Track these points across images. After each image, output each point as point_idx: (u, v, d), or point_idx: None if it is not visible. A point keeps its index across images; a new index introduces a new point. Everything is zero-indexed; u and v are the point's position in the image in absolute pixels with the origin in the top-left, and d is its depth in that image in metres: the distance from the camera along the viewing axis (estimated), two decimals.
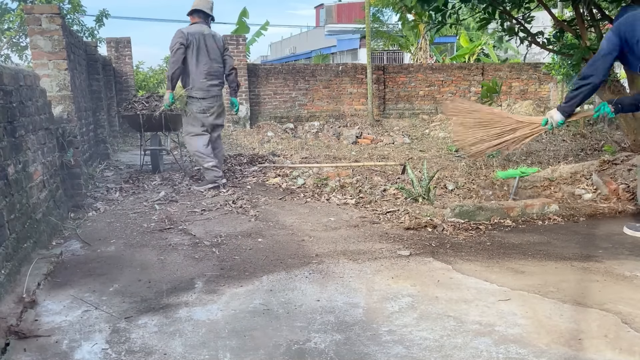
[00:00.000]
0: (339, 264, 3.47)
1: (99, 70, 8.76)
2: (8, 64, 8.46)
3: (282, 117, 13.16)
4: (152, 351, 2.38)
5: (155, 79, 17.25)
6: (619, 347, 2.32)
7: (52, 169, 4.39)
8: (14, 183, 3.31)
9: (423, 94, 14.19)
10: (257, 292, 3.04)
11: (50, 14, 4.82)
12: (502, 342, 2.38)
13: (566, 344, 2.35)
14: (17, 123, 3.47)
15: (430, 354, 2.31)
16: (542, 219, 4.39)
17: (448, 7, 6.18)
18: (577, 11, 5.86)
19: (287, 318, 2.69)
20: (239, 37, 12.89)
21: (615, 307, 2.71)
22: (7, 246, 3.04)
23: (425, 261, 3.52)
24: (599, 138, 9.05)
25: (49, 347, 2.45)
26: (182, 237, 4.15)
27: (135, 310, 2.82)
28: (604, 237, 3.92)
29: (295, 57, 37.22)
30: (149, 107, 7.04)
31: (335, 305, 2.82)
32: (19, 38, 13.25)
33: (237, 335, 2.51)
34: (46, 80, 4.89)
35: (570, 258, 3.51)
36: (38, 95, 4.12)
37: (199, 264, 3.54)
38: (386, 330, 2.53)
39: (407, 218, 4.45)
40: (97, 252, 3.83)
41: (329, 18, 37.12)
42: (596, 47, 5.75)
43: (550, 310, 2.70)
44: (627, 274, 3.19)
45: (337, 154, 8.84)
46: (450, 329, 2.52)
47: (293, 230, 4.29)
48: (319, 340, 2.45)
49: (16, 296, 2.88)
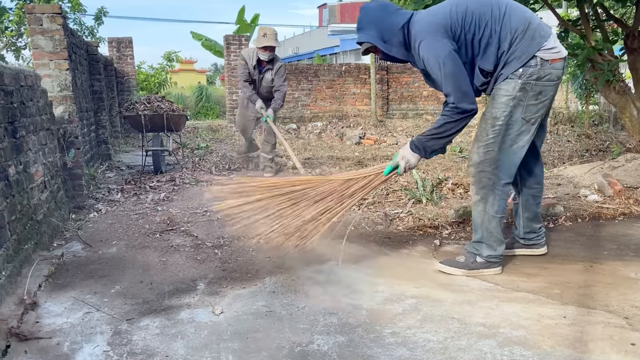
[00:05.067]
0: (342, 265, 3.44)
1: (100, 70, 8.76)
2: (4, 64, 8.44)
3: (284, 117, 13.14)
4: (154, 353, 2.36)
5: (157, 79, 17.23)
6: (625, 349, 2.29)
7: (53, 169, 4.38)
8: (15, 184, 3.29)
9: (427, 94, 14.18)
10: (260, 293, 3.02)
11: (51, 13, 4.81)
12: (506, 344, 2.35)
13: (571, 346, 2.32)
14: (18, 124, 3.46)
15: (434, 356, 2.28)
16: (547, 220, 4.36)
17: None
18: (582, 11, 5.83)
19: (289, 320, 2.67)
20: (241, 37, 12.90)
21: (620, 309, 2.68)
22: (7, 247, 3.03)
23: (429, 262, 3.49)
24: (604, 139, 9.01)
25: (50, 349, 2.43)
26: (184, 239, 4.13)
27: (137, 312, 2.81)
28: (609, 239, 3.89)
29: (298, 57, 37.25)
30: (150, 108, 7.04)
31: (338, 307, 2.79)
32: (17, 38, 13.27)
33: (240, 337, 2.49)
34: (47, 81, 4.88)
35: (575, 259, 3.48)
36: (39, 95, 4.11)
37: (201, 266, 3.52)
38: (390, 332, 2.51)
39: (410, 219, 4.43)
40: (99, 254, 3.81)
41: (332, 18, 37.12)
42: (601, 48, 5.73)
43: (555, 312, 2.67)
44: (632, 275, 3.16)
45: (340, 154, 8.82)
46: (454, 331, 2.50)
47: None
48: (322, 342, 2.43)
49: (17, 298, 2.87)
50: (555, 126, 10.52)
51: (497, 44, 2.98)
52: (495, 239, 3.22)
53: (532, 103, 3.01)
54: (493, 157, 3.09)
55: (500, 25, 2.97)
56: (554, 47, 2.99)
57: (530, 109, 3.02)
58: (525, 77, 2.97)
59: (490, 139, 3.08)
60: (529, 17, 3.01)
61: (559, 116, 10.97)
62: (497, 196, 3.15)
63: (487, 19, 2.97)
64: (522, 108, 3.01)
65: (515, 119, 3.03)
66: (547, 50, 2.97)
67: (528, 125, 3.06)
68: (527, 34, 2.96)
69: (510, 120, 3.03)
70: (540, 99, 3.01)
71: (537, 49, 2.95)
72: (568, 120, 10.93)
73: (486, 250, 3.23)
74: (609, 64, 5.61)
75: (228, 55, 12.46)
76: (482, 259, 3.24)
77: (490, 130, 3.08)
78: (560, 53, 3.03)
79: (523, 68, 2.97)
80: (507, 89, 3.01)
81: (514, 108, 3.01)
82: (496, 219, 3.19)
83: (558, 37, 6.37)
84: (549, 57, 2.97)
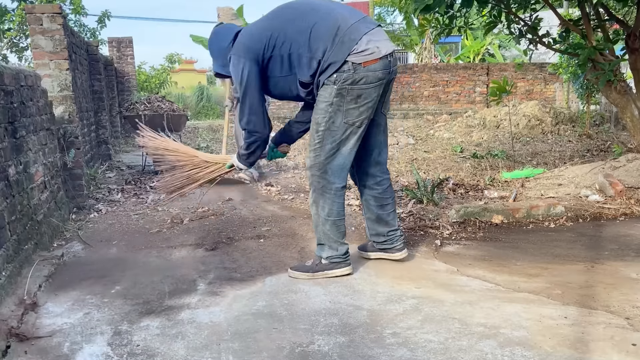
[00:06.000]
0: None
1: (100, 70, 8.76)
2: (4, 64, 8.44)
3: (285, 117, 13.15)
4: (154, 354, 2.36)
5: (158, 79, 17.24)
6: (626, 349, 2.28)
7: (54, 170, 4.37)
8: (15, 184, 3.29)
9: (427, 94, 14.18)
10: (260, 294, 3.01)
11: (51, 13, 4.81)
12: (507, 345, 2.35)
13: (572, 347, 2.31)
14: (18, 124, 3.46)
15: (435, 356, 2.28)
16: (548, 220, 4.36)
17: (454, 9, 6.13)
18: (583, 11, 5.82)
19: (290, 320, 2.66)
20: None
21: (621, 310, 2.67)
22: (8, 248, 3.02)
23: (430, 263, 3.49)
24: (605, 139, 8.99)
25: (50, 349, 2.43)
26: (185, 239, 4.13)
27: (137, 312, 2.80)
28: (610, 239, 3.88)
29: None
30: (150, 108, 7.04)
31: (339, 308, 2.79)
32: (19, 39, 13.28)
33: (240, 338, 2.49)
34: (47, 81, 4.88)
35: (576, 260, 3.47)
36: (39, 95, 4.11)
37: (202, 266, 3.51)
38: (390, 332, 2.50)
39: (411, 219, 4.42)
40: (99, 254, 3.81)
41: None
42: (603, 48, 5.71)
43: (556, 312, 2.66)
44: (633, 275, 3.15)
45: None
46: (455, 331, 2.49)
47: (295, 231, 4.26)
48: (323, 342, 2.42)
49: (17, 298, 2.86)
50: (557, 126, 10.50)
51: (309, 55, 2.98)
52: (334, 240, 3.22)
53: (351, 107, 3.00)
54: (321, 162, 3.11)
55: (308, 35, 2.97)
56: (365, 50, 2.93)
57: (351, 113, 3.01)
58: (340, 83, 2.96)
59: (316, 144, 3.11)
60: (339, 21, 2.96)
61: (560, 116, 10.95)
62: (328, 199, 3.16)
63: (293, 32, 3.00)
64: (341, 113, 3.01)
65: (338, 124, 3.04)
66: (358, 53, 2.93)
67: (353, 128, 3.06)
68: (337, 39, 2.93)
69: (332, 125, 3.04)
70: (360, 102, 3.00)
71: (347, 54, 2.92)
72: (569, 120, 10.90)
73: (327, 251, 3.24)
74: (610, 63, 5.60)
75: None
76: (325, 261, 3.24)
77: (315, 135, 3.11)
78: (373, 54, 2.95)
79: (337, 74, 2.95)
80: (325, 95, 3.02)
81: (333, 114, 3.01)
82: (329, 222, 3.19)
83: (559, 36, 6.37)
84: (361, 61, 2.93)
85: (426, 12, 5.38)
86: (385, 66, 3.02)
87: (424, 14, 5.79)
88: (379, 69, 2.98)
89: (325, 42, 2.94)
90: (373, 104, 3.07)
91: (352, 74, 2.94)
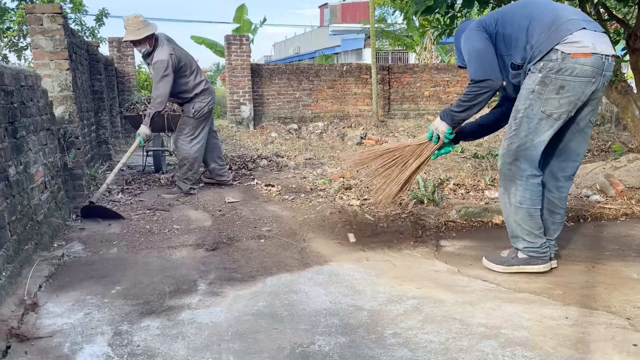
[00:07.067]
0: (342, 266, 3.44)
1: (100, 70, 8.76)
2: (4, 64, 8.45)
3: (286, 117, 13.14)
4: (155, 354, 2.36)
5: None
6: (627, 350, 2.28)
7: (54, 170, 4.37)
8: (15, 184, 3.29)
9: (428, 95, 14.16)
10: (261, 294, 3.01)
11: (51, 13, 4.80)
12: (508, 345, 2.34)
13: (573, 347, 2.31)
14: (18, 124, 3.45)
15: (436, 356, 2.27)
16: None
17: (455, 10, 6.13)
18: (584, 11, 5.82)
19: (290, 320, 2.66)
20: (242, 37, 12.86)
21: (622, 310, 2.67)
22: (8, 248, 3.02)
23: (431, 263, 3.48)
24: (606, 139, 8.99)
25: (51, 349, 2.43)
26: (185, 239, 4.13)
27: (137, 312, 2.80)
28: (611, 239, 3.88)
29: (299, 57, 37.28)
30: None
31: (339, 308, 2.79)
32: (19, 39, 13.28)
33: (241, 338, 2.48)
34: (47, 81, 4.87)
35: (577, 260, 3.47)
36: (39, 95, 4.10)
37: (202, 266, 3.51)
38: (391, 333, 2.50)
39: (412, 220, 4.42)
40: (99, 254, 3.81)
41: (334, 18, 37.15)
42: None
43: (557, 312, 2.66)
44: (634, 276, 3.15)
45: (341, 155, 8.80)
46: (456, 332, 2.49)
47: (296, 231, 4.26)
48: (323, 343, 2.42)
49: (17, 298, 2.86)
50: None
51: (525, 39, 3.03)
52: (527, 231, 3.17)
53: (552, 97, 2.97)
54: (513, 150, 3.12)
55: (529, 21, 3.02)
56: (578, 42, 2.91)
57: (550, 103, 2.98)
58: (546, 71, 2.96)
59: (512, 131, 3.14)
60: (561, 14, 3.02)
61: None
62: (520, 186, 3.13)
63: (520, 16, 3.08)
64: (541, 101, 3.00)
65: (535, 112, 3.03)
66: (569, 43, 2.91)
67: (550, 120, 3.02)
68: (553, 28, 2.96)
69: (530, 112, 3.04)
70: (562, 93, 2.95)
71: (557, 42, 2.92)
72: None
73: (522, 243, 3.21)
74: None
75: (229, 55, 12.44)
76: (522, 254, 3.22)
77: (512, 122, 3.14)
78: (586, 48, 2.90)
79: (544, 62, 2.97)
80: (528, 83, 3.04)
81: (533, 101, 3.02)
82: (521, 210, 3.15)
83: None
84: (570, 51, 2.90)
85: (427, 13, 5.38)
86: (598, 65, 2.93)
87: (425, 16, 5.79)
88: (588, 64, 2.91)
89: (541, 28, 2.99)
90: (576, 100, 2.98)
91: (559, 63, 2.93)
